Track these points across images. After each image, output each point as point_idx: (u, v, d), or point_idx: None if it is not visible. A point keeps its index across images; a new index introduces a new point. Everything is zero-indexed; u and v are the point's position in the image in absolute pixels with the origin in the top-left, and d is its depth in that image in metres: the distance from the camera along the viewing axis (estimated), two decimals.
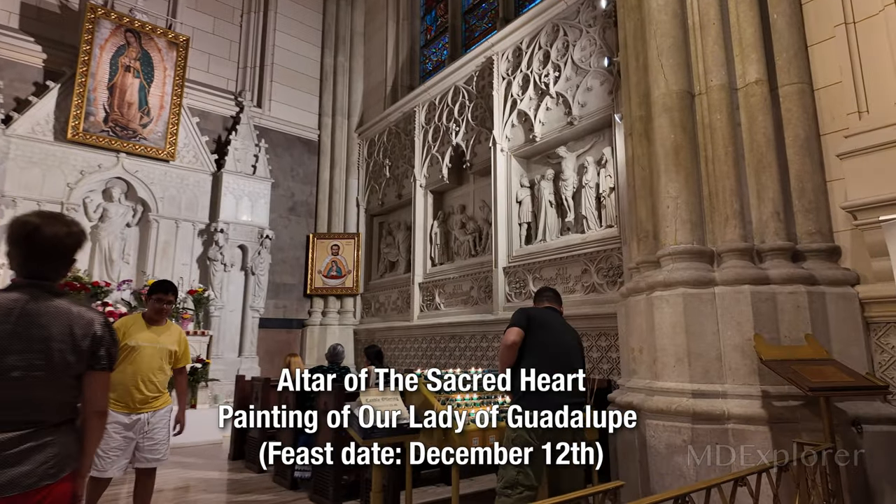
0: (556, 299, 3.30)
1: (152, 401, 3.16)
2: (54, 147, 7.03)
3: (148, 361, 3.13)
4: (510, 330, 2.82)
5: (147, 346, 3.15)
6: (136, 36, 7.62)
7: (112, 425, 2.99)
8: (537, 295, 3.32)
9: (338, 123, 9.82)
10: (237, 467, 5.58)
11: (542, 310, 3.14)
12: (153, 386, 3.16)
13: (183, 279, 7.78)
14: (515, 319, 2.88)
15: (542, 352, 2.83)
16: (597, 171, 5.84)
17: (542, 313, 3.07)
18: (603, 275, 5.43)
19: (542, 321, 2.95)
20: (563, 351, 2.95)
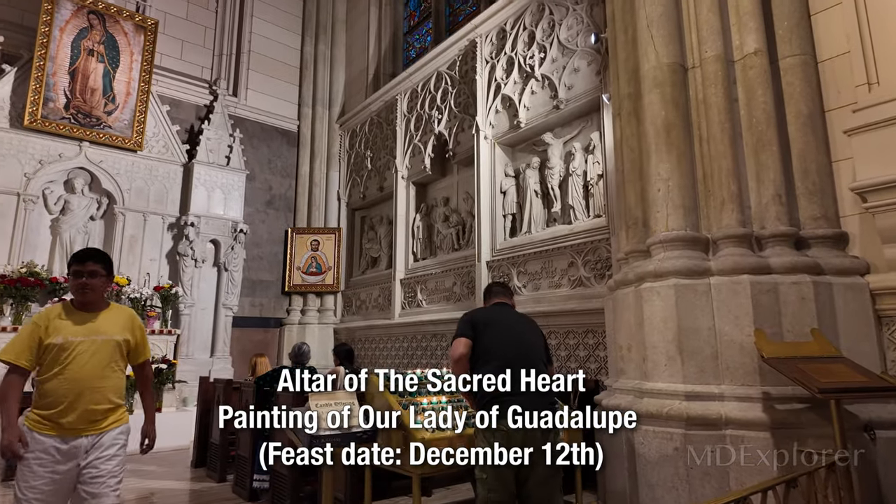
0: (506, 293, 3.01)
1: (100, 418, 2.26)
2: (10, 134, 6.61)
3: (88, 361, 2.27)
4: (455, 342, 2.59)
5: (82, 340, 2.27)
6: (99, 18, 7.21)
7: (38, 455, 2.16)
8: (485, 294, 3.05)
9: (318, 114, 9.43)
10: (199, 476, 5.19)
11: (487, 309, 2.86)
12: (99, 396, 2.26)
13: (150, 275, 7.38)
14: (459, 329, 2.64)
15: (493, 353, 2.53)
16: (584, 157, 5.49)
17: (487, 313, 2.79)
18: (591, 268, 5.08)
19: (488, 320, 2.67)
20: (517, 345, 2.62)
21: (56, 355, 2.25)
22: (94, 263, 2.35)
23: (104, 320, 2.37)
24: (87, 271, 2.32)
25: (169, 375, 6.71)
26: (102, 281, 2.38)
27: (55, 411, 2.21)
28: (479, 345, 2.54)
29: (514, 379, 2.43)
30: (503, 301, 2.89)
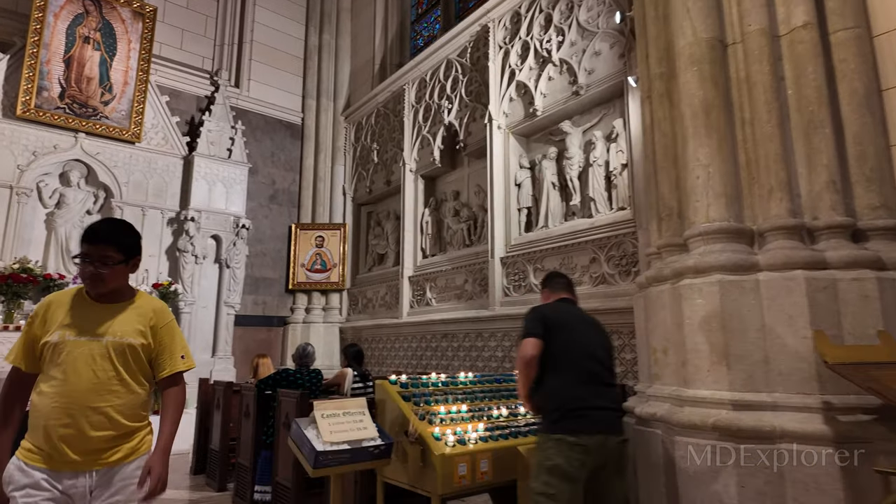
0: (570, 287, 2.70)
1: (105, 448, 1.69)
2: (2, 125, 6.34)
3: (85, 371, 1.70)
4: (525, 342, 2.28)
5: (80, 341, 1.71)
6: (95, 4, 6.93)
7: (28, 493, 1.62)
8: (548, 282, 2.69)
9: (323, 106, 9.12)
10: (198, 484, 4.90)
11: (556, 307, 2.52)
12: (99, 418, 1.68)
13: (149, 272, 7.10)
14: (529, 326, 2.33)
15: (567, 362, 2.27)
16: (606, 146, 5.16)
17: (559, 312, 2.46)
18: (614, 264, 4.76)
19: (561, 321, 2.37)
20: (592, 354, 2.36)
21: (51, 359, 1.70)
22: (107, 246, 1.73)
23: (118, 316, 1.78)
24: (98, 256, 1.72)
25: None
26: (118, 270, 1.76)
27: (41, 437, 1.64)
28: (551, 346, 2.27)
29: (591, 390, 2.23)
30: (569, 297, 2.62)
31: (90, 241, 1.74)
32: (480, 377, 3.25)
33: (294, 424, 2.44)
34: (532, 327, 2.31)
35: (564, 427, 2.13)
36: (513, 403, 3.08)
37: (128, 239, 1.80)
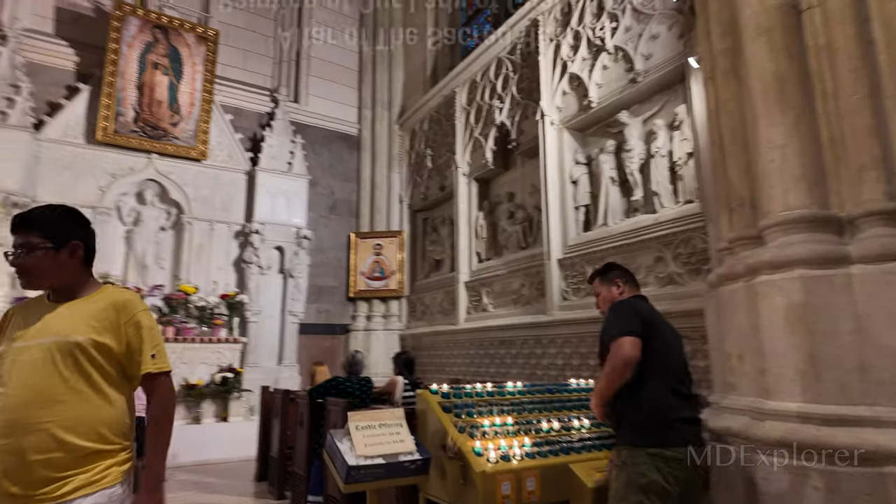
0: (636, 281, 2.51)
1: (52, 479, 1.34)
2: (85, 150, 6.85)
3: (25, 379, 1.40)
4: (623, 341, 1.98)
5: (24, 346, 1.44)
6: (163, 31, 7.36)
7: None
8: (618, 274, 2.43)
9: (378, 115, 9.21)
10: (260, 490, 4.99)
11: (643, 303, 2.30)
12: (41, 437, 1.35)
13: (218, 283, 7.41)
14: (624, 322, 2.04)
15: (662, 366, 2.05)
16: (669, 136, 4.78)
17: (648, 309, 2.25)
18: (682, 262, 4.37)
19: (653, 319, 2.15)
20: (680, 361, 2.19)
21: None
22: (28, 231, 1.49)
23: (66, 312, 1.49)
24: (20, 245, 1.49)
25: (235, 384, 6.64)
26: (48, 258, 1.49)
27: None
28: (648, 350, 2.02)
29: (682, 400, 2.07)
30: (644, 296, 2.40)
31: (12, 231, 1.52)
32: (530, 387, 3.04)
33: (329, 436, 2.35)
34: (628, 323, 2.04)
35: (661, 440, 1.92)
36: (565, 416, 2.84)
37: (53, 221, 1.53)
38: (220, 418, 6.55)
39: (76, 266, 1.56)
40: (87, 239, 1.61)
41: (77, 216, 1.62)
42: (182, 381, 6.47)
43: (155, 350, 1.56)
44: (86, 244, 1.60)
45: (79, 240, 1.57)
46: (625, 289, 2.36)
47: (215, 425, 6.45)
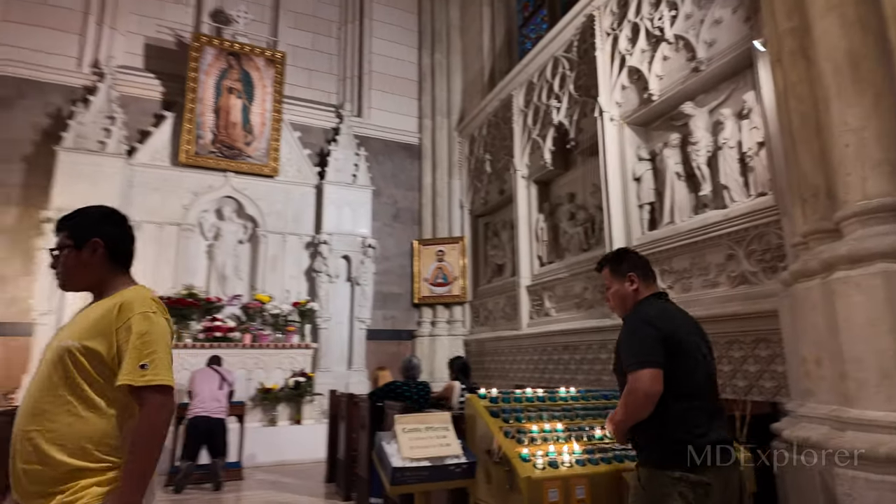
0: (654, 274, 2.10)
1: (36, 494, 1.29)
2: (170, 171, 7.46)
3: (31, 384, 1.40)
4: (643, 375, 1.71)
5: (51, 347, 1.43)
6: (236, 58, 7.89)
7: None
8: (634, 265, 2.02)
9: (438, 124, 9.34)
10: (329, 491, 5.17)
11: (662, 308, 1.93)
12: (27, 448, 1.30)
13: (290, 292, 7.79)
14: (643, 349, 1.75)
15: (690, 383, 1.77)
16: (737, 125, 4.49)
17: (668, 316, 1.89)
18: (756, 259, 4.07)
19: (677, 334, 1.81)
20: (709, 372, 1.89)
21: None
22: (59, 233, 1.52)
23: (81, 315, 1.47)
24: (53, 247, 1.52)
25: (307, 388, 6.94)
26: (72, 257, 1.48)
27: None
28: (669, 369, 1.75)
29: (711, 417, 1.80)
30: (664, 291, 2.08)
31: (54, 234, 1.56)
32: (584, 392, 2.95)
33: (376, 438, 2.41)
34: (649, 350, 1.74)
35: (685, 463, 1.69)
36: None
37: (78, 220, 1.52)
38: (294, 421, 6.86)
39: (99, 265, 1.50)
40: (111, 237, 1.52)
41: (107, 216, 1.56)
42: (258, 385, 6.85)
43: (148, 360, 1.35)
44: (108, 242, 1.51)
45: (100, 237, 1.50)
46: (640, 284, 1.99)
47: (290, 427, 6.77)
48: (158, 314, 1.45)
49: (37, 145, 7.05)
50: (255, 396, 6.80)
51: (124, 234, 1.58)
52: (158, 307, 1.47)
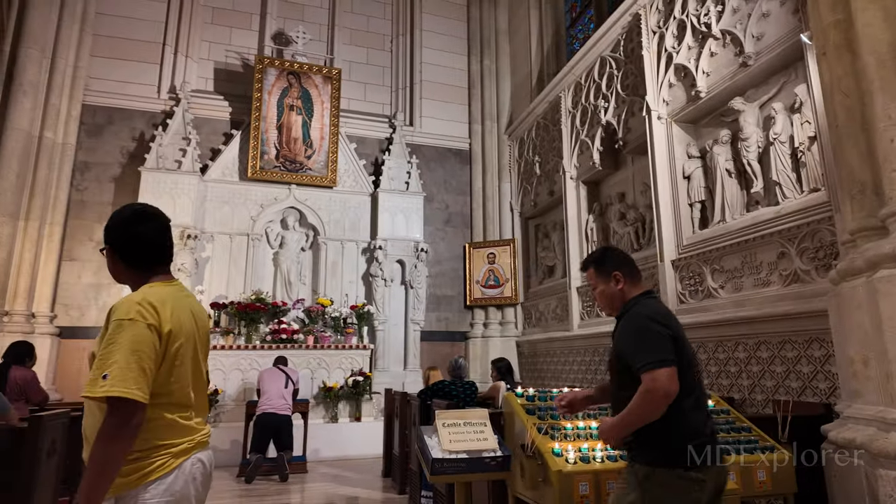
0: (639, 272, 2.06)
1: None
2: (238, 186, 8.05)
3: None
4: (661, 374, 1.67)
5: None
6: (296, 77, 8.40)
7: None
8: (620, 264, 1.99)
9: (487, 128, 9.49)
10: (386, 485, 5.44)
11: (658, 307, 1.92)
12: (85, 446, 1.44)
13: (349, 296, 8.19)
14: (657, 348, 1.73)
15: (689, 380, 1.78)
16: (789, 119, 4.36)
17: (670, 315, 1.89)
18: (809, 257, 3.95)
19: (677, 330, 1.82)
20: (700, 369, 1.92)
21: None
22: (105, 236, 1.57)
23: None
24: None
25: (365, 387, 7.28)
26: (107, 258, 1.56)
27: None
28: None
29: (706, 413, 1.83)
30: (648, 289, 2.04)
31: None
32: None
33: (419, 432, 2.60)
34: (662, 349, 1.72)
35: (687, 459, 1.68)
36: None
37: (114, 222, 1.56)
38: (354, 418, 7.22)
39: (121, 268, 1.56)
40: (117, 243, 1.54)
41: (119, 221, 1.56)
42: (321, 384, 7.27)
43: (109, 370, 1.32)
44: (117, 248, 1.54)
45: (109, 244, 1.54)
46: (625, 283, 1.96)
47: (350, 424, 7.13)
48: (137, 321, 1.38)
49: (123, 167, 7.84)
50: (317, 395, 7.22)
51: (131, 238, 1.54)
52: (145, 312, 1.40)
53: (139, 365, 1.34)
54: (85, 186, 7.66)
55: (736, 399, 4.31)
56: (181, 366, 1.47)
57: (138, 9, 8.35)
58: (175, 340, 1.45)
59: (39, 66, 7.00)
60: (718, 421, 2.88)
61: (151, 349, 1.38)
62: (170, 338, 1.44)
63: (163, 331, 1.42)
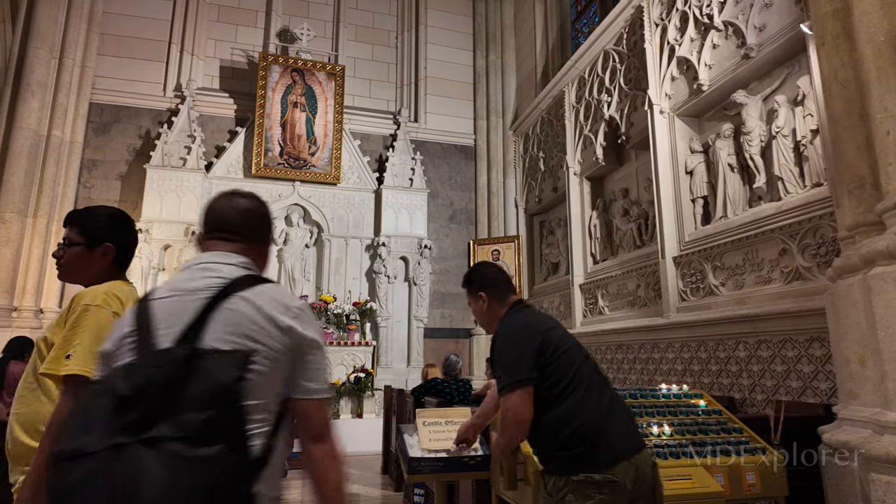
0: (508, 285, 2.01)
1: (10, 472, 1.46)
2: (243, 183, 8.08)
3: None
4: (511, 399, 1.68)
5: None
6: (300, 74, 8.41)
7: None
8: (487, 283, 1.97)
9: (492, 124, 9.42)
10: (384, 482, 5.44)
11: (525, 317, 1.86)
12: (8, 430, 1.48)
13: (352, 292, 8.20)
14: (511, 367, 1.71)
15: (573, 382, 1.70)
16: (791, 112, 4.25)
17: (533, 322, 1.82)
18: (811, 254, 3.85)
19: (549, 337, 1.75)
20: (590, 362, 1.82)
21: None
22: (70, 228, 1.61)
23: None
24: (62, 239, 1.61)
25: (367, 384, 7.28)
26: (77, 254, 1.58)
27: None
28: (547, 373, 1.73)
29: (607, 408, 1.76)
30: (523, 300, 2.03)
31: (63, 225, 1.66)
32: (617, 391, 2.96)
33: (398, 430, 2.58)
34: (514, 370, 1.69)
35: (588, 462, 1.61)
36: (645, 422, 2.73)
37: (93, 221, 1.61)
38: (356, 415, 7.24)
39: (105, 267, 1.60)
40: (122, 243, 1.63)
41: (120, 220, 1.66)
42: None
43: (72, 349, 1.35)
44: (119, 248, 1.62)
45: (112, 242, 1.61)
46: (492, 300, 1.93)
47: (351, 421, 7.15)
48: (103, 308, 1.43)
49: (130, 164, 7.92)
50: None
51: (133, 240, 1.69)
52: (111, 300, 1.45)
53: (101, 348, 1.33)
54: (92, 184, 7.76)
55: (736, 399, 4.23)
56: None
57: (145, 7, 8.42)
58: None
59: (47, 65, 7.10)
60: (709, 422, 2.82)
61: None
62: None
63: None
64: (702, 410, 2.92)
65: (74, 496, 0.84)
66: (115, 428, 0.86)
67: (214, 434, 0.89)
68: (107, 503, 0.82)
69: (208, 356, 0.96)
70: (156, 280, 7.36)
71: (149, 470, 0.83)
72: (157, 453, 0.84)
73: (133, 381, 0.91)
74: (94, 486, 0.83)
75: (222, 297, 1.04)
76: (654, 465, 1.73)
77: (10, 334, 5.96)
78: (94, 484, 0.83)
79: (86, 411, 0.92)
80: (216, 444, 0.88)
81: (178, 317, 1.01)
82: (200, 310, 1.01)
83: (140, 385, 0.90)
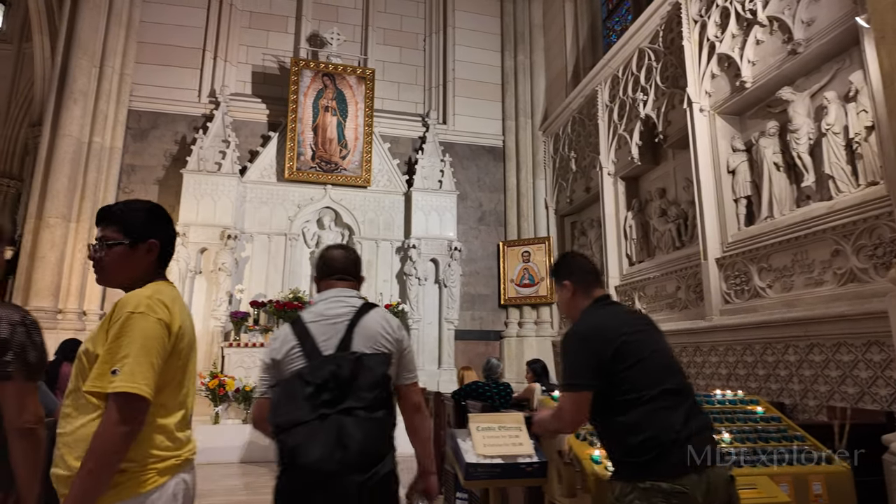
0: (600, 276, 1.98)
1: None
2: (277, 187, 8.20)
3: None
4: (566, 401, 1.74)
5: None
6: (330, 78, 8.48)
7: None
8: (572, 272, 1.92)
9: (521, 124, 9.36)
10: None
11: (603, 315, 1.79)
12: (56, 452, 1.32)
13: (383, 294, 8.23)
14: (572, 369, 1.72)
15: (649, 382, 1.64)
16: (843, 109, 4.12)
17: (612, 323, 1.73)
18: (866, 255, 3.72)
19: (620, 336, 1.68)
20: (673, 367, 1.74)
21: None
22: (107, 226, 1.44)
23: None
24: (97, 240, 1.45)
25: None
26: (120, 254, 1.42)
27: None
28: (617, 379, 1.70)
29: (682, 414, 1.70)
30: (609, 294, 2.01)
31: (96, 224, 1.48)
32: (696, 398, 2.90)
33: (452, 435, 2.56)
34: (576, 371, 1.69)
35: (657, 469, 1.55)
36: None
37: (133, 217, 1.46)
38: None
39: (149, 265, 1.47)
40: (165, 238, 1.51)
41: (160, 213, 1.53)
42: None
43: (119, 364, 1.25)
44: (163, 244, 1.50)
45: (157, 238, 1.47)
46: (576, 290, 1.88)
47: None
48: (148, 315, 1.31)
49: (167, 169, 8.10)
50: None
51: (174, 235, 1.58)
52: (157, 307, 1.34)
53: (148, 360, 1.28)
54: (131, 189, 7.95)
55: (786, 404, 4.10)
56: (185, 366, 1.43)
57: (180, 16, 8.59)
58: (182, 338, 1.40)
59: (89, 74, 7.30)
60: (768, 429, 2.74)
61: (161, 344, 1.32)
62: (179, 335, 1.38)
63: (173, 327, 1.36)
64: (760, 417, 2.83)
65: (307, 448, 1.44)
66: (317, 404, 1.49)
67: (379, 404, 1.57)
68: (331, 448, 1.43)
69: (367, 357, 1.60)
70: (192, 283, 7.50)
71: (349, 426, 1.47)
72: (352, 418, 1.49)
73: (321, 375, 1.53)
74: (317, 440, 1.44)
75: (356, 320, 1.68)
76: (730, 480, 1.66)
77: (56, 336, 6.13)
78: (316, 438, 1.44)
79: (289, 396, 1.52)
80: (381, 410, 1.57)
81: (332, 334, 1.65)
82: (346, 329, 1.65)
83: (327, 377, 1.52)
